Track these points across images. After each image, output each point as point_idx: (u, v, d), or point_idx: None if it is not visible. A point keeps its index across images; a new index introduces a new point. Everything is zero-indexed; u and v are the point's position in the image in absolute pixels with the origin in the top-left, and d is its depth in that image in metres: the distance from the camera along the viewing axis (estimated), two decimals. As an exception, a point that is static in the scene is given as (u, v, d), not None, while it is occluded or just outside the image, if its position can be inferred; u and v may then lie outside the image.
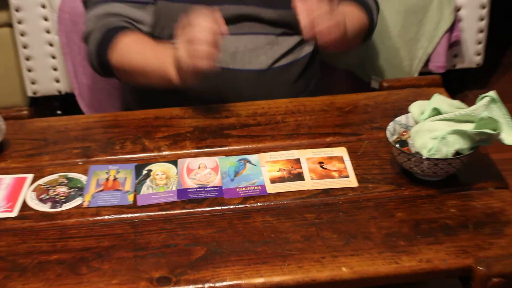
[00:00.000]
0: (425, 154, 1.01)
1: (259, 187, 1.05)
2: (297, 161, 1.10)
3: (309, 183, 1.05)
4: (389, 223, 0.97)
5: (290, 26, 1.28)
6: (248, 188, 1.05)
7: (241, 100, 1.24)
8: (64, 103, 1.93)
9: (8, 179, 1.08)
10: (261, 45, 1.28)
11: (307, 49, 1.34)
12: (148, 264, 0.91)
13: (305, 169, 1.08)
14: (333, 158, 1.10)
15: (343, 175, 1.07)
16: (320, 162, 1.09)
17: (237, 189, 1.04)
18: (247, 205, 1.02)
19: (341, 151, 1.12)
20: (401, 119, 1.09)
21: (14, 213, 1.01)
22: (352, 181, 1.06)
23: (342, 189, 1.04)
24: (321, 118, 1.21)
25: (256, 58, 1.28)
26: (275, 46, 1.29)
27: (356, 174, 1.07)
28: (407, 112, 1.10)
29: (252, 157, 1.11)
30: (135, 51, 1.20)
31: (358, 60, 1.75)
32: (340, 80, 1.78)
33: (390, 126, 1.08)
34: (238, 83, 1.28)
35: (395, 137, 1.08)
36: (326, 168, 1.08)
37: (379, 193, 1.03)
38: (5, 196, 1.04)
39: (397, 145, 1.05)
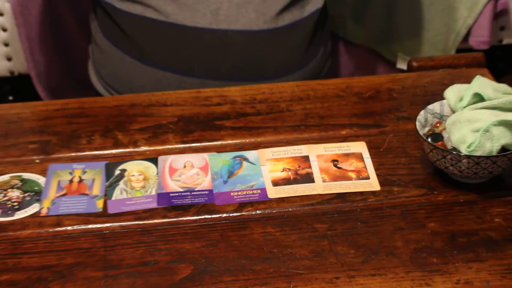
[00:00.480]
0: (464, 150, 1.01)
1: (259, 191, 1.05)
2: (306, 158, 1.10)
3: (320, 186, 1.05)
4: (418, 236, 0.98)
5: None
6: (244, 193, 1.05)
7: (228, 72, 1.25)
8: (17, 87, 1.93)
9: None
10: None
11: (311, 7, 1.34)
12: (121, 285, 0.92)
13: (315, 168, 1.08)
14: (350, 155, 1.11)
15: (362, 176, 1.07)
16: (334, 161, 1.10)
17: (231, 194, 1.05)
18: (244, 213, 1.02)
19: (360, 147, 1.12)
20: (435, 107, 1.10)
21: (-45, 223, 1.01)
22: (373, 184, 1.06)
23: (361, 193, 1.05)
24: (335, 106, 1.21)
25: (244, 15, 1.28)
26: (268, 0, 1.29)
27: (378, 175, 1.07)
28: (441, 98, 1.10)
29: (250, 154, 1.11)
30: None
31: (380, 35, 1.75)
32: (358, 60, 1.78)
33: (421, 116, 1.08)
34: (224, 49, 1.28)
35: (426, 129, 1.08)
36: (341, 167, 1.09)
37: (407, 198, 1.04)
38: None
39: (429, 140, 1.05)
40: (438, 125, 1.08)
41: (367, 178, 1.07)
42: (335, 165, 1.09)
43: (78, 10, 1.63)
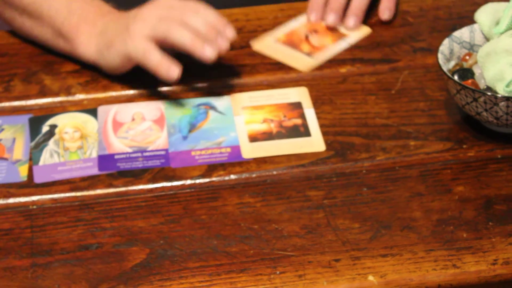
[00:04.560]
0: (501, 90, 1.02)
1: (228, 150, 1.06)
2: (295, 106, 1.11)
3: (318, 142, 1.06)
4: (443, 204, 0.99)
5: None
6: (209, 152, 1.06)
7: None
8: None
9: None
10: None
11: None
12: (55, 277, 0.92)
13: (310, 117, 1.09)
14: (352, 99, 1.12)
15: (368, 127, 1.08)
16: (331, 107, 1.11)
17: (192, 153, 1.06)
18: (214, 179, 1.03)
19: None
20: (463, 33, 1.10)
21: None
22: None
23: (367, 149, 1.05)
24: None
25: None
26: None
27: (389, 126, 1.08)
28: (472, 22, 1.11)
29: (219, 101, 1.12)
30: None
31: None
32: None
33: (444, 46, 1.09)
34: None
35: (452, 64, 1.09)
36: (340, 116, 1.10)
37: (427, 155, 1.05)
38: None
39: (456, 77, 1.06)
40: (467, 57, 1.09)
41: (375, 129, 1.08)
42: (333, 114, 1.10)
43: None
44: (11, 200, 1.01)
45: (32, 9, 1.18)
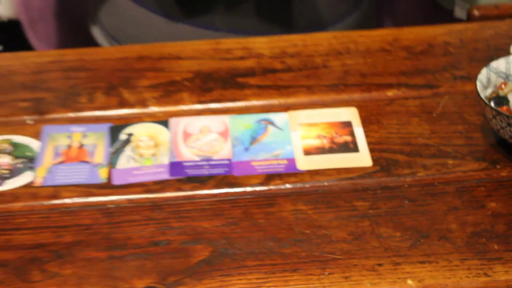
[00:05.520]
0: (532, 117, 1.02)
1: (285, 162, 1.06)
2: (346, 124, 1.11)
3: (366, 157, 1.06)
4: (477, 218, 0.99)
5: None
6: (268, 163, 1.06)
7: (254, 25, 1.26)
8: (6, 34, 1.94)
9: None
10: None
11: None
12: (128, 268, 0.93)
13: (359, 135, 1.09)
14: (397, 120, 1.12)
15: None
16: (378, 127, 1.11)
17: (252, 163, 1.06)
18: (271, 187, 1.03)
19: (409, 111, 1.13)
20: (499, 64, 1.10)
21: None
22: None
23: (410, 166, 1.05)
24: (380, 62, 1.22)
25: None
26: None
27: (430, 146, 1.08)
28: (508, 54, 1.10)
29: (277, 117, 1.12)
30: None
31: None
32: (408, 7, 1.77)
33: (483, 75, 1.08)
34: None
35: (489, 91, 1.08)
36: (386, 135, 1.10)
37: (463, 173, 1.04)
38: None
39: (492, 103, 1.05)
40: (503, 86, 1.08)
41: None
42: (379, 132, 1.10)
43: None
44: (92, 199, 1.02)
45: None
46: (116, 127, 1.12)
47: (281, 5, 1.32)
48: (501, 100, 1.07)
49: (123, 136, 1.11)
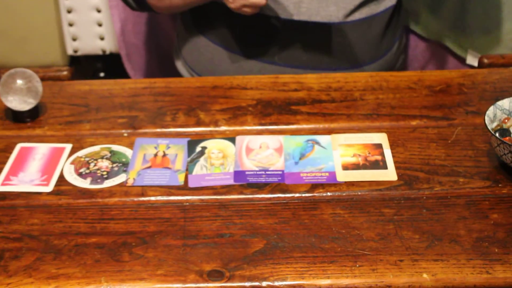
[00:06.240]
0: (530, 146, 1.00)
1: (327, 174, 1.06)
2: (377, 146, 1.10)
3: (392, 173, 1.05)
4: (481, 226, 0.97)
5: None
6: (313, 175, 1.06)
7: (306, 62, 1.26)
8: (108, 65, 1.97)
9: (44, 148, 1.11)
10: None
11: (387, 2, 1.34)
12: (198, 254, 0.94)
13: (387, 155, 1.08)
14: (419, 145, 1.11)
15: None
16: (403, 149, 1.10)
17: (301, 174, 1.06)
18: (315, 194, 1.03)
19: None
20: (504, 103, 1.08)
21: (49, 188, 1.04)
22: (440, 174, 1.06)
23: (428, 181, 1.04)
24: (406, 98, 1.21)
25: (325, 8, 1.28)
26: None
27: (445, 166, 1.07)
28: (511, 95, 1.09)
29: (322, 139, 1.12)
30: None
31: (452, 30, 1.72)
32: (430, 54, 1.76)
33: (490, 111, 1.07)
34: (304, 39, 1.29)
35: (495, 124, 1.07)
36: (409, 156, 1.09)
37: (472, 189, 1.03)
38: (40, 168, 1.08)
39: (497, 134, 1.04)
40: (506, 121, 1.07)
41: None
42: (404, 154, 1.09)
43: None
44: (172, 198, 1.03)
45: None
46: (193, 141, 1.12)
47: (328, 48, 1.32)
48: (504, 131, 1.05)
49: (198, 148, 1.11)
